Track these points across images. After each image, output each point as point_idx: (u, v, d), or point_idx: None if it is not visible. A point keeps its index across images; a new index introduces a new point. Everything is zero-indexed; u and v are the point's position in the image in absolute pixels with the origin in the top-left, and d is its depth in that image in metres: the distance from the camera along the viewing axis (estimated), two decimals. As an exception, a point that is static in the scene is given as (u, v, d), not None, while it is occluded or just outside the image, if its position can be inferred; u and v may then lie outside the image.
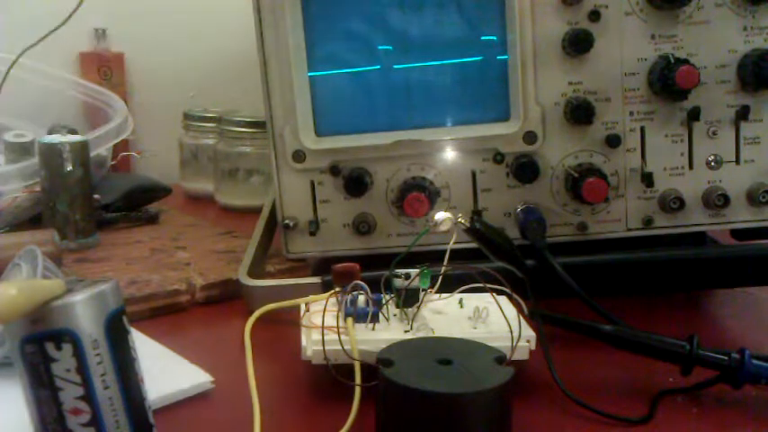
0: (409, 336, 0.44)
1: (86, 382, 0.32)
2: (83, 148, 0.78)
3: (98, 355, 0.32)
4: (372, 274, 0.47)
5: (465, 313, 0.48)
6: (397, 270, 0.47)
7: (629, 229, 0.61)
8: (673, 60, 0.56)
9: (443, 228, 0.48)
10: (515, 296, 0.46)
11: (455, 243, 0.48)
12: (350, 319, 0.44)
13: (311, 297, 0.48)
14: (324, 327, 0.42)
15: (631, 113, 0.59)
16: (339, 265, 0.45)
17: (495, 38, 0.59)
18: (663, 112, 0.59)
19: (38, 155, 0.78)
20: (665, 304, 0.61)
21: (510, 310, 0.45)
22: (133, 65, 1.24)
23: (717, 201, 0.58)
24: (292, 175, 0.62)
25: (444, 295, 0.48)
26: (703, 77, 0.56)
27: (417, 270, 0.47)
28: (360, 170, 0.60)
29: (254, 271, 0.63)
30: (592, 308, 0.52)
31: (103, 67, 1.20)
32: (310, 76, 0.61)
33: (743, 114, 0.58)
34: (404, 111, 0.61)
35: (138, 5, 1.19)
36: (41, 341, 0.32)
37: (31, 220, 0.82)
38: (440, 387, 0.36)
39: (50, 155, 0.76)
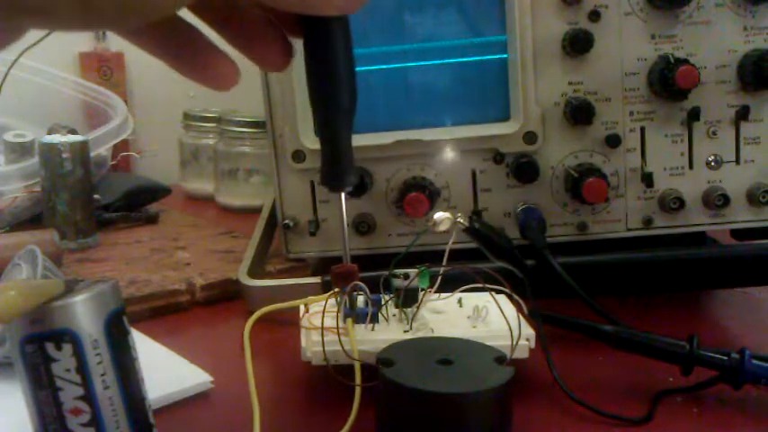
0: (409, 336, 0.44)
1: (86, 382, 0.32)
2: (83, 148, 0.78)
3: (98, 355, 0.32)
4: (372, 274, 0.47)
5: (464, 313, 0.48)
6: (397, 270, 0.47)
7: (629, 229, 0.61)
8: (673, 60, 0.56)
9: (443, 227, 0.48)
10: (515, 296, 0.46)
11: (455, 243, 0.48)
12: (350, 320, 0.44)
13: (311, 298, 0.48)
14: (323, 327, 0.42)
15: (631, 113, 0.59)
16: (338, 266, 0.45)
17: (495, 38, 0.59)
18: (663, 112, 0.59)
19: (38, 155, 0.78)
20: (665, 304, 0.61)
21: (509, 309, 0.45)
22: (133, 65, 1.24)
23: (717, 201, 0.58)
24: (292, 175, 0.62)
25: (444, 295, 0.48)
26: (703, 77, 0.56)
27: (417, 270, 0.46)
28: (360, 170, 0.60)
29: (254, 271, 0.63)
30: (592, 308, 0.52)
31: (103, 66, 1.20)
32: (310, 76, 0.60)
33: (743, 114, 0.58)
34: (404, 111, 0.61)
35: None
36: (41, 341, 0.32)
37: (31, 220, 0.82)
38: (440, 387, 0.36)
39: (50, 155, 0.76)
